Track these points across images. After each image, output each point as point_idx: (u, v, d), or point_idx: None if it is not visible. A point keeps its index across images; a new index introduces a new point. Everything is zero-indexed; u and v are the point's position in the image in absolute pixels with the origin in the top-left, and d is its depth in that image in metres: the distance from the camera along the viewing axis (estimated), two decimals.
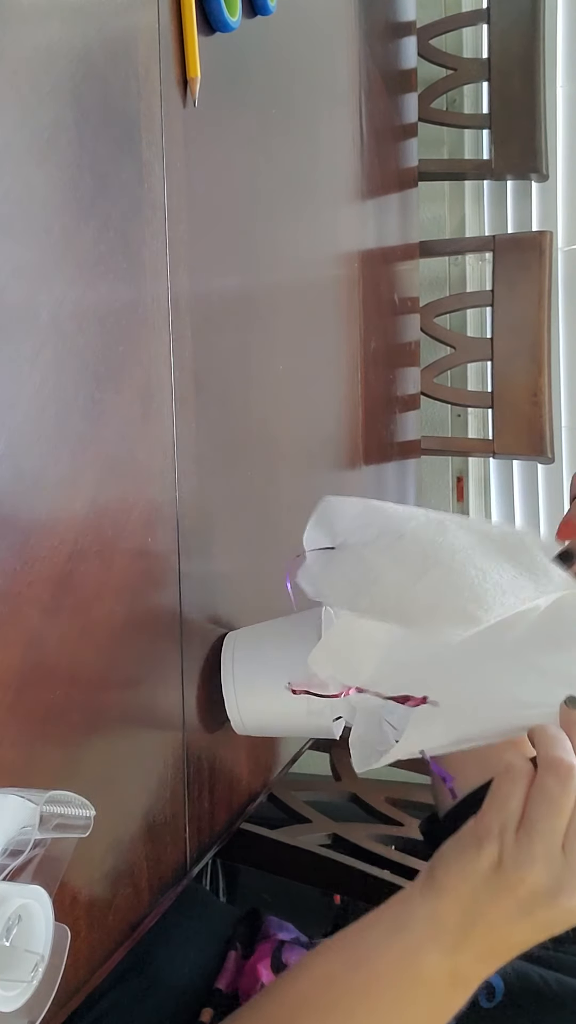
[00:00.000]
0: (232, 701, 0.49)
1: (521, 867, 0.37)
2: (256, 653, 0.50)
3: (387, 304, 1.05)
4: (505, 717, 0.42)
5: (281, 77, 0.67)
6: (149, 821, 0.46)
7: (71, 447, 0.38)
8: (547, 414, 1.33)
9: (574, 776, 0.37)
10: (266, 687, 0.48)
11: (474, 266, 1.59)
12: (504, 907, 0.37)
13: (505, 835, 0.37)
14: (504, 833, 0.37)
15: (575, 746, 0.38)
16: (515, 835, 0.37)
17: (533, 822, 0.37)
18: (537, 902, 0.37)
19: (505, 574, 0.42)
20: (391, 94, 1.08)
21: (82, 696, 0.39)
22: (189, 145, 0.49)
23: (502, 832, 0.38)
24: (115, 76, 0.42)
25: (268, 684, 0.48)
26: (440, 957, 0.39)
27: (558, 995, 0.51)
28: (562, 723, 0.40)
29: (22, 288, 0.35)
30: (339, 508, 0.47)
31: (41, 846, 0.33)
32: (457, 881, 0.39)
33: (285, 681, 0.45)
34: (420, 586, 0.42)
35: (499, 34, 1.36)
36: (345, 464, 0.86)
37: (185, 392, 0.49)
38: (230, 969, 0.60)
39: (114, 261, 0.41)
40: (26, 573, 0.35)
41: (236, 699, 0.49)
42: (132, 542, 0.44)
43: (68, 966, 0.33)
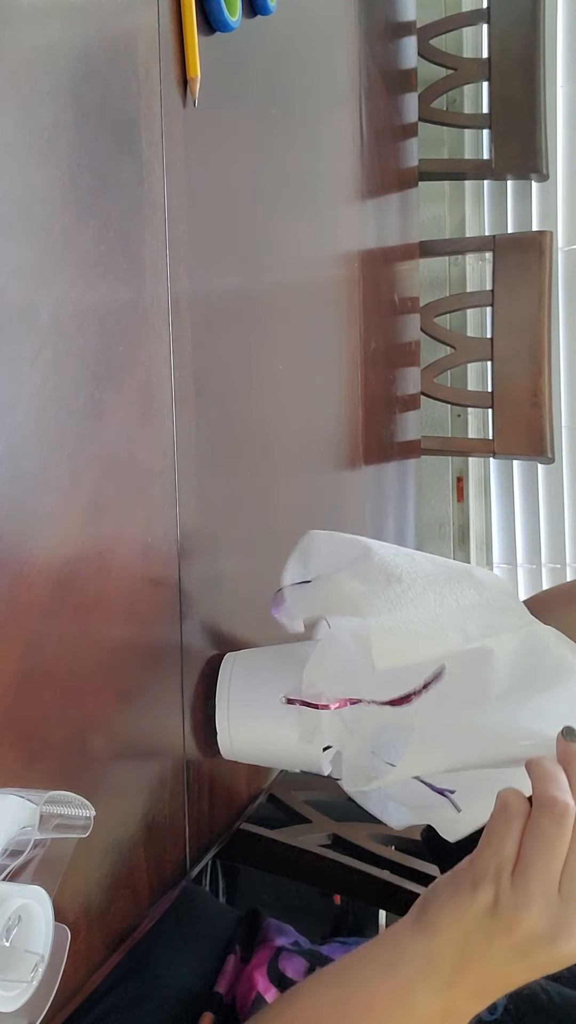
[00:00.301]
0: (224, 724, 0.49)
1: (517, 911, 0.36)
2: (253, 678, 0.49)
3: (387, 304, 1.05)
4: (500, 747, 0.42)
5: (281, 77, 0.67)
6: (149, 821, 0.46)
7: (71, 447, 0.38)
8: (547, 414, 1.33)
9: (570, 816, 0.36)
10: (260, 709, 0.48)
11: (474, 266, 1.59)
12: (499, 948, 0.37)
13: (501, 877, 0.37)
14: (500, 875, 0.37)
15: (572, 780, 0.38)
16: (511, 877, 0.36)
17: (529, 864, 0.36)
18: (534, 945, 0.36)
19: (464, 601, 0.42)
20: (391, 94, 1.08)
21: (82, 696, 0.39)
22: (189, 145, 0.49)
23: (497, 874, 0.37)
24: (115, 76, 0.42)
25: (262, 711, 0.47)
26: (433, 995, 0.38)
27: (560, 1007, 0.51)
28: (559, 756, 0.39)
29: (22, 288, 0.35)
30: (319, 543, 0.47)
31: (41, 846, 0.33)
32: (451, 921, 0.38)
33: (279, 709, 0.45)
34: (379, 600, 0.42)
35: (499, 34, 1.36)
36: (345, 464, 0.86)
37: (185, 392, 0.49)
38: (229, 972, 0.60)
39: (114, 261, 0.41)
40: (26, 574, 0.35)
41: (228, 723, 0.49)
42: (132, 542, 0.44)
43: (68, 966, 0.33)
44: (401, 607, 0.41)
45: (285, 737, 0.48)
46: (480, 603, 0.43)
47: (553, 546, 1.59)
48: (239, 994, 0.58)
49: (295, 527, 0.70)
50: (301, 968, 0.58)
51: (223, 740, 0.49)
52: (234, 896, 1.28)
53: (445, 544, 1.64)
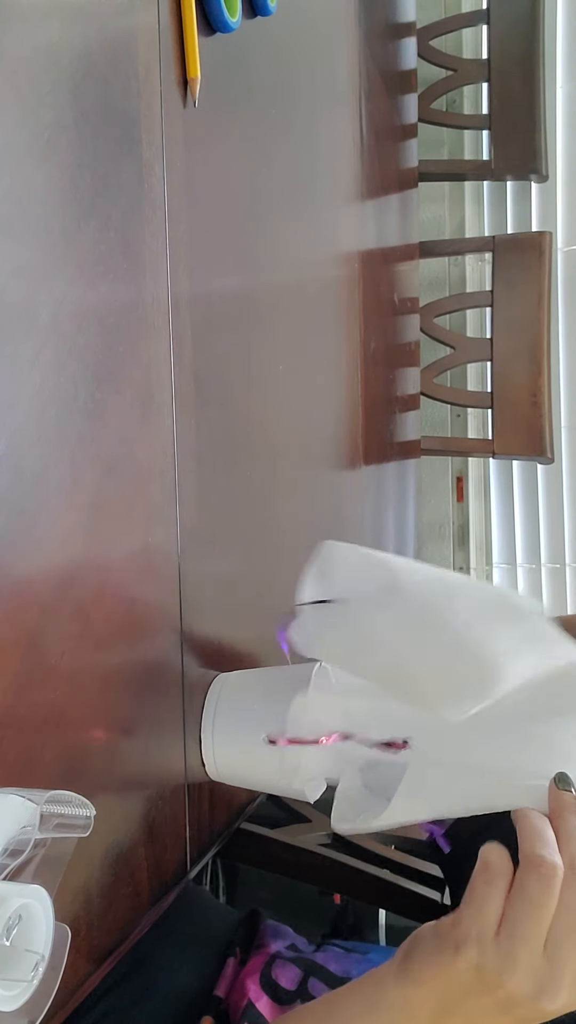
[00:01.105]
0: (209, 747, 0.48)
1: (502, 973, 0.35)
2: (241, 703, 0.48)
3: (387, 304, 1.05)
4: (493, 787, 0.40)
5: (281, 78, 0.67)
6: (149, 821, 0.46)
7: (71, 447, 0.38)
8: (547, 414, 1.33)
9: (557, 876, 0.35)
10: (244, 740, 0.47)
11: (474, 266, 1.59)
12: (482, 1004, 0.37)
13: (484, 941, 0.36)
14: (482, 939, 0.36)
15: (561, 836, 0.37)
16: (495, 939, 0.36)
17: (514, 926, 0.35)
18: (517, 1003, 0.36)
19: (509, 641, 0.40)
20: (391, 95, 1.08)
21: (82, 696, 0.39)
22: (189, 145, 0.49)
23: (480, 937, 0.36)
24: (115, 76, 0.42)
25: (247, 737, 0.46)
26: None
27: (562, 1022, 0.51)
28: (551, 805, 0.38)
29: (22, 288, 0.35)
30: (339, 556, 0.44)
31: (41, 846, 0.33)
32: (432, 975, 0.37)
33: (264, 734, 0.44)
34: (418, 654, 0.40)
35: (499, 35, 1.36)
36: (345, 464, 0.86)
37: (185, 392, 0.49)
38: (228, 976, 0.60)
39: (114, 261, 0.42)
40: (27, 573, 0.35)
41: (213, 746, 0.48)
42: (132, 542, 0.44)
43: (68, 966, 0.33)
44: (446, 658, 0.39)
45: (267, 771, 0.47)
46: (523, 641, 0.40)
47: (552, 546, 1.59)
48: (231, 1000, 0.58)
49: (295, 527, 0.70)
50: (294, 976, 0.58)
51: (209, 763, 0.48)
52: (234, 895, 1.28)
53: (445, 544, 1.65)
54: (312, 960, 0.60)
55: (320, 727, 0.43)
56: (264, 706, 0.47)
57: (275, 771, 0.46)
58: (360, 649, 0.42)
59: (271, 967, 0.59)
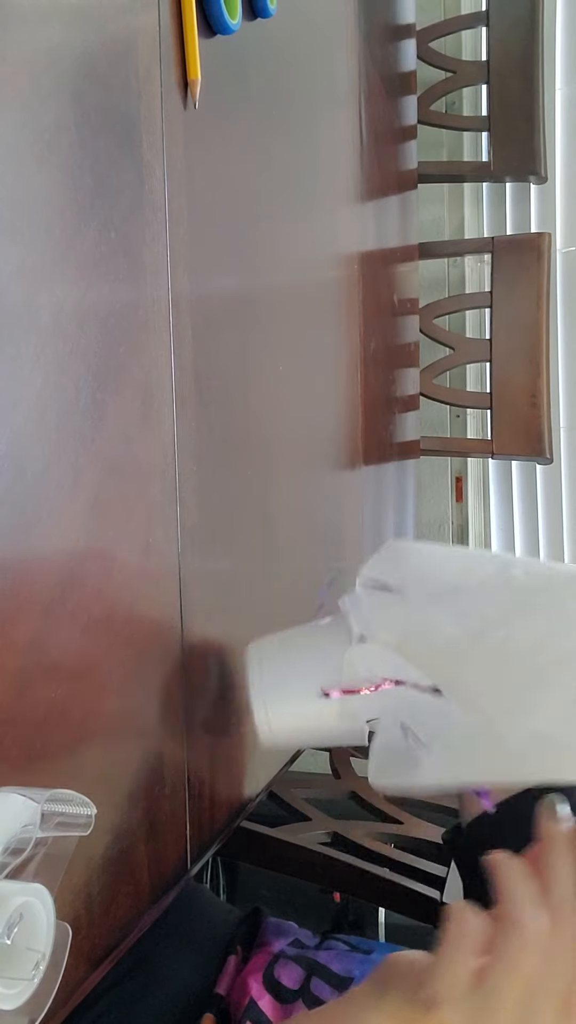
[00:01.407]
0: (262, 713, 0.46)
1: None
2: (285, 662, 0.47)
3: (387, 305, 1.06)
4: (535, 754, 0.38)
5: (281, 79, 0.67)
6: (150, 819, 0.46)
7: (72, 447, 0.38)
8: (545, 415, 1.33)
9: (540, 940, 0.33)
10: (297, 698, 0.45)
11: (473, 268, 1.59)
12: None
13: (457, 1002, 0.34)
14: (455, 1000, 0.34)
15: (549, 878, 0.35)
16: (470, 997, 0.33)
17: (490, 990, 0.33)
18: None
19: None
20: (391, 96, 1.09)
21: (83, 695, 0.40)
22: (189, 147, 0.50)
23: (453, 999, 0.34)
24: (116, 78, 0.42)
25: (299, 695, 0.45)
26: None
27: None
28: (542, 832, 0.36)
29: (23, 289, 0.35)
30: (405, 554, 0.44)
31: (42, 844, 0.33)
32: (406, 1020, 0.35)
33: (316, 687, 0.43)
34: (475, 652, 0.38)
35: (498, 37, 1.37)
36: (345, 464, 0.86)
37: (185, 392, 0.49)
38: (229, 973, 0.60)
39: (115, 262, 0.42)
40: (28, 572, 0.36)
41: (266, 712, 0.46)
42: (132, 542, 0.44)
43: (69, 964, 0.33)
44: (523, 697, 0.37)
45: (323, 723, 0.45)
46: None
47: (551, 546, 1.59)
48: (233, 999, 0.58)
49: (295, 527, 0.71)
50: (297, 976, 0.58)
51: (263, 730, 0.47)
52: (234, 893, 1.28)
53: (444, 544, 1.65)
54: (314, 960, 0.60)
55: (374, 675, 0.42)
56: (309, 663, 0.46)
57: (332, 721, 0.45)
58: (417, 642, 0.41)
59: (274, 966, 0.59)
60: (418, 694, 0.41)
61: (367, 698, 0.43)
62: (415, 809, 1.03)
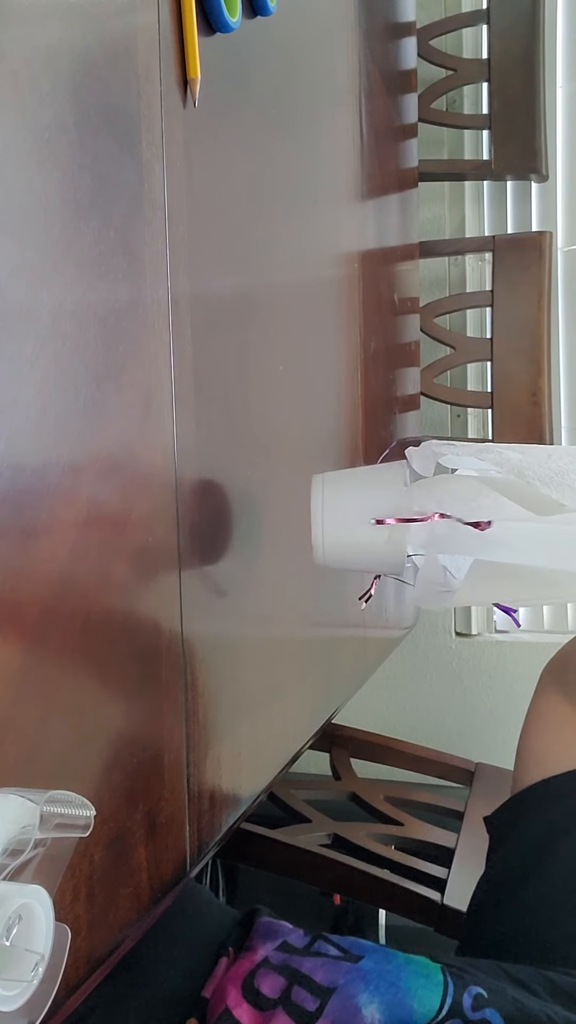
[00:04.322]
0: (318, 535, 0.51)
1: None
2: (345, 490, 0.52)
3: (387, 304, 1.05)
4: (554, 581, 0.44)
5: (281, 78, 0.67)
6: (149, 820, 0.46)
7: (71, 447, 0.38)
8: (546, 414, 1.33)
9: None
10: (353, 523, 0.50)
11: (474, 266, 1.59)
12: None
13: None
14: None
15: None
16: None
17: None
18: None
19: None
20: (391, 94, 1.08)
21: (83, 695, 0.40)
22: (189, 145, 0.49)
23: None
24: (115, 76, 0.42)
25: (355, 518, 0.50)
26: None
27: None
28: None
29: (23, 288, 0.35)
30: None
31: (41, 846, 0.33)
32: None
33: (371, 515, 0.48)
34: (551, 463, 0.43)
35: (499, 35, 1.36)
36: (345, 464, 0.86)
37: (185, 392, 0.49)
38: (218, 976, 0.59)
39: (114, 261, 0.42)
40: (27, 572, 0.36)
41: (323, 534, 0.51)
42: (132, 541, 0.44)
43: (68, 966, 0.33)
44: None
45: (373, 548, 0.50)
46: None
47: None
48: (211, 1004, 0.57)
49: (295, 527, 0.70)
50: (278, 987, 0.57)
51: (317, 549, 0.51)
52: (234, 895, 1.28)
53: None
54: (298, 969, 0.59)
55: (424, 507, 0.47)
56: (367, 493, 0.50)
57: (380, 549, 0.49)
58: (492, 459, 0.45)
59: (254, 975, 0.58)
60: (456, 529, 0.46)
61: (415, 530, 0.48)
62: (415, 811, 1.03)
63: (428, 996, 0.48)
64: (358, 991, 0.49)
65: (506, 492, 0.45)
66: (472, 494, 0.46)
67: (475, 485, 0.46)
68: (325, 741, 1.23)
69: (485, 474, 0.46)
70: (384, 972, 0.51)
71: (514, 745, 0.66)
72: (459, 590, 0.45)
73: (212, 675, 0.53)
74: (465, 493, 0.46)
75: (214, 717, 0.53)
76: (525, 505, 0.44)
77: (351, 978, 0.51)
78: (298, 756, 0.72)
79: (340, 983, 0.52)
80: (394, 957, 0.53)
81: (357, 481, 0.52)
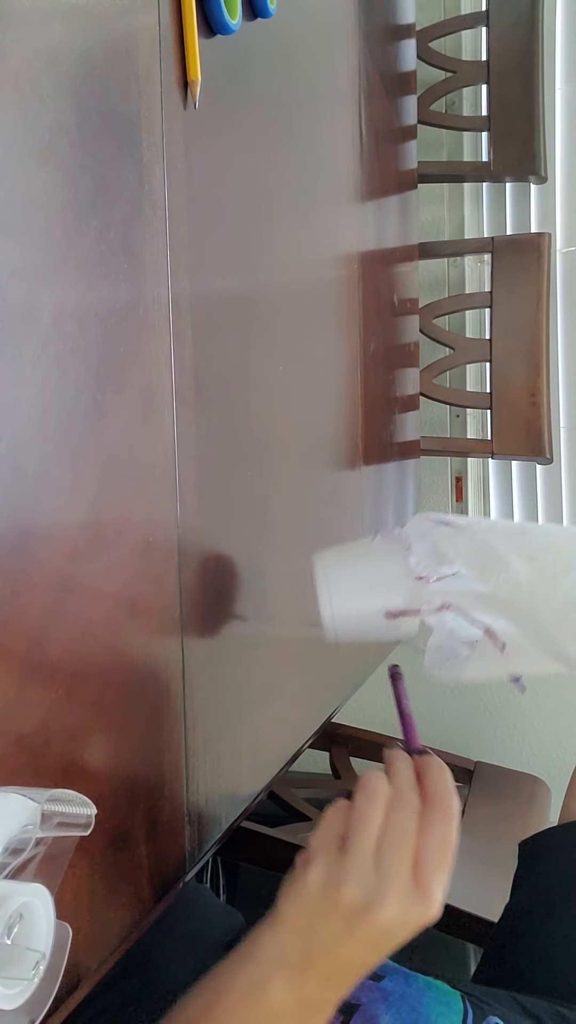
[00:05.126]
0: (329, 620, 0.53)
1: (340, 881, 0.39)
2: (349, 578, 0.54)
3: (387, 305, 1.06)
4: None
5: (281, 79, 0.67)
6: (150, 819, 0.46)
7: (72, 447, 0.38)
8: (545, 415, 1.33)
9: (381, 795, 0.40)
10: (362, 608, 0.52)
11: (473, 268, 1.59)
12: (332, 926, 0.39)
13: (327, 852, 0.40)
14: (325, 850, 0.40)
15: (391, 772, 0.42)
16: (336, 851, 0.40)
17: (348, 839, 0.40)
18: (355, 917, 0.38)
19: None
20: (390, 96, 1.09)
21: (83, 695, 0.40)
22: (189, 147, 0.50)
23: (325, 852, 0.40)
24: (116, 78, 0.42)
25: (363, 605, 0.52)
26: (286, 986, 0.40)
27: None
28: (385, 760, 0.43)
29: (24, 289, 0.35)
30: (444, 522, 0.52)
31: (42, 844, 0.33)
32: (293, 908, 0.40)
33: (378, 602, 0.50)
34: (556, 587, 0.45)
35: (498, 37, 1.37)
36: (345, 464, 0.86)
37: (186, 392, 0.49)
38: None
39: (115, 262, 0.42)
40: (28, 573, 0.36)
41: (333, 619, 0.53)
42: (133, 542, 0.44)
43: (69, 964, 0.33)
44: None
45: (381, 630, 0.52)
46: None
47: None
48: None
49: (295, 527, 0.71)
50: None
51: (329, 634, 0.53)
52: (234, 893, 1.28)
53: None
54: None
55: (431, 602, 0.49)
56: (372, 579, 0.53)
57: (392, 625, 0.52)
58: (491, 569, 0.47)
59: None
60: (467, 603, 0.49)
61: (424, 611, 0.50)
62: None
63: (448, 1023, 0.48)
64: (380, 1012, 0.50)
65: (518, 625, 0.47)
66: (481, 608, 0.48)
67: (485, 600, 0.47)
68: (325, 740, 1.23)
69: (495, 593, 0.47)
70: (405, 995, 0.52)
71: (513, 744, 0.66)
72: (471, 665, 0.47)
73: (212, 674, 0.53)
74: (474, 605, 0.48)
75: (214, 716, 0.53)
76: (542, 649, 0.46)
77: (374, 998, 0.51)
78: (298, 755, 0.72)
79: (364, 1001, 0.52)
80: (415, 980, 0.53)
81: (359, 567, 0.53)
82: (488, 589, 0.47)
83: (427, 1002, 0.51)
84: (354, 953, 0.40)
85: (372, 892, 0.38)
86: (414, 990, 0.52)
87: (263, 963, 0.40)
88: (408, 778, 0.42)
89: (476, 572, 0.48)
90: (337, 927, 0.39)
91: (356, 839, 0.39)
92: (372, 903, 0.38)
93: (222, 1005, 0.41)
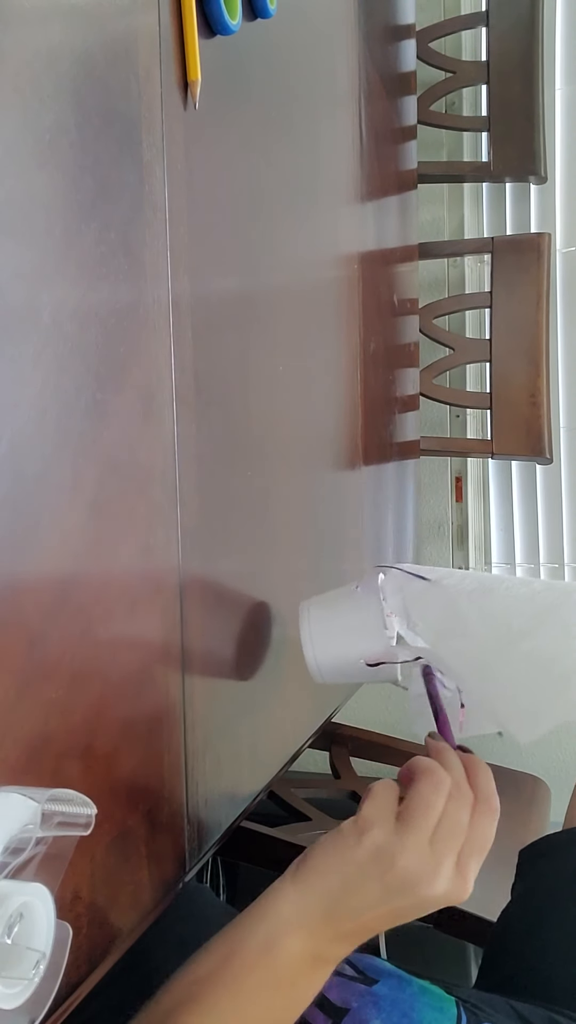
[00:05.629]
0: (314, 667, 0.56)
1: (396, 853, 0.41)
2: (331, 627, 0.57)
3: (386, 305, 1.06)
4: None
5: (281, 80, 0.67)
6: (150, 819, 0.46)
7: (73, 448, 0.38)
8: (545, 415, 1.33)
9: (445, 784, 0.43)
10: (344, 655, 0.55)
11: (473, 268, 1.59)
12: (371, 894, 0.41)
13: (386, 823, 0.42)
14: (385, 821, 0.42)
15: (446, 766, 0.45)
16: (394, 823, 0.42)
17: (409, 816, 0.42)
18: (402, 889, 0.41)
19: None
20: (390, 97, 1.09)
21: (83, 695, 0.40)
22: (189, 147, 0.50)
23: (383, 821, 0.42)
24: (116, 78, 0.42)
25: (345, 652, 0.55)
26: (302, 940, 0.42)
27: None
28: (431, 751, 0.46)
29: (24, 289, 0.35)
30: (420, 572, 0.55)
31: (43, 844, 0.33)
32: (332, 867, 0.43)
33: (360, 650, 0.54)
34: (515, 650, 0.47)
35: (498, 37, 1.37)
36: (344, 464, 0.86)
37: (186, 392, 0.49)
38: None
39: (115, 262, 0.42)
40: (28, 573, 0.36)
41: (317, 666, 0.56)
42: (133, 542, 0.44)
43: (69, 964, 0.33)
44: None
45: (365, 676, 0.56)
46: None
47: (551, 546, 1.59)
48: None
49: (295, 527, 0.71)
50: None
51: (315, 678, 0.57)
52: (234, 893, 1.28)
53: (444, 544, 1.65)
54: None
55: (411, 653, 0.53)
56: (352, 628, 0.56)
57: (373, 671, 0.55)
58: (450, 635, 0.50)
59: None
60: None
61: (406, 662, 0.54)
62: None
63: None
64: (370, 1017, 0.50)
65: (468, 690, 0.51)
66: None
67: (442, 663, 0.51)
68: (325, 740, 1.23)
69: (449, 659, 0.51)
70: (397, 1000, 0.52)
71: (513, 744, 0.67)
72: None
73: (212, 674, 0.53)
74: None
75: (214, 716, 0.54)
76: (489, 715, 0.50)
77: (364, 1002, 0.52)
78: (298, 755, 0.72)
79: (354, 1006, 0.53)
80: (408, 985, 0.53)
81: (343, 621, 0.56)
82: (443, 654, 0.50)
83: (419, 1007, 0.52)
84: (379, 921, 0.42)
85: (426, 869, 0.41)
86: (407, 995, 0.53)
87: (282, 921, 0.42)
88: (463, 774, 0.45)
89: (434, 636, 0.51)
90: (375, 895, 0.41)
91: (419, 819, 0.42)
92: (423, 879, 0.41)
93: (238, 961, 0.42)
